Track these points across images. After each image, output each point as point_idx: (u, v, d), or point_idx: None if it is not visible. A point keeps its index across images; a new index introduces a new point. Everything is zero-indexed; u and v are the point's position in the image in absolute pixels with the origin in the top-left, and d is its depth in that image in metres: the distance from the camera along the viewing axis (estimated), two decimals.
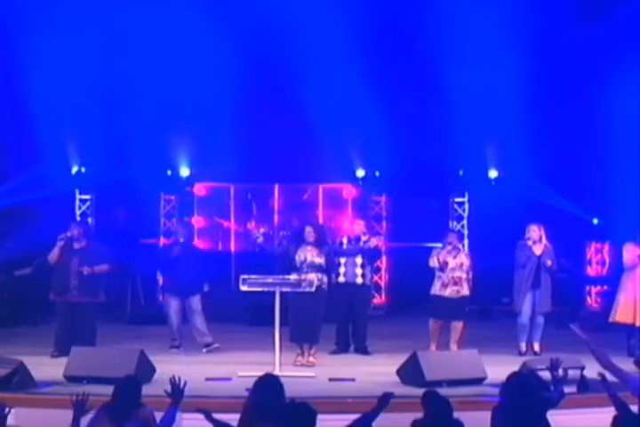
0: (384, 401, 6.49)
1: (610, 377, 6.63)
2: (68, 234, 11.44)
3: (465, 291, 11.62)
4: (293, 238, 11.67)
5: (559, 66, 15.40)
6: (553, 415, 6.64)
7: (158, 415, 6.72)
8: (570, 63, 15.36)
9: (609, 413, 6.38)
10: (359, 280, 11.83)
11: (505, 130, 15.31)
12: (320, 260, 11.04)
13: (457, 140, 15.19)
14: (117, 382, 6.92)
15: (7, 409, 6.30)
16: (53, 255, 11.38)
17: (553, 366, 6.93)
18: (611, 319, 11.74)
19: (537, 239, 11.72)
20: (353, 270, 11.81)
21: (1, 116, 15.65)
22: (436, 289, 11.61)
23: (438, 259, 11.52)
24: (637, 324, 11.52)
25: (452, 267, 11.54)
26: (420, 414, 6.58)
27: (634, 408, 6.36)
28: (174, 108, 15.23)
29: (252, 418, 6.36)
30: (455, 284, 11.54)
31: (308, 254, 11.06)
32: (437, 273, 11.60)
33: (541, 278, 11.72)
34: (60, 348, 11.15)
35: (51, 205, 15.21)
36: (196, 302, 11.92)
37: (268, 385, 6.51)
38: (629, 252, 11.63)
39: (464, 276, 11.57)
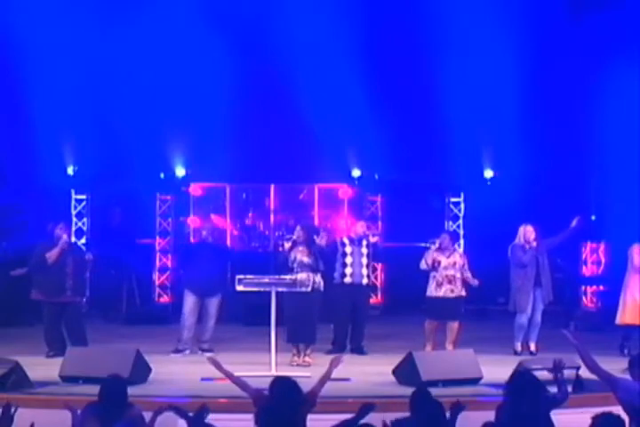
0: (364, 411, 6.46)
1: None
2: (65, 236, 11.45)
3: (460, 290, 11.65)
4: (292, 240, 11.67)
5: (554, 65, 15.43)
6: (553, 415, 6.64)
7: (147, 415, 6.71)
8: (564, 61, 15.39)
9: None
10: (365, 281, 11.95)
11: (500, 130, 15.33)
12: (308, 259, 11.07)
13: (452, 140, 15.20)
14: (103, 381, 6.90)
15: (13, 409, 6.30)
16: (53, 255, 11.35)
17: (556, 367, 6.93)
18: (619, 321, 11.59)
19: (534, 239, 11.76)
20: (360, 271, 11.85)
21: None
22: (431, 290, 11.62)
23: (427, 261, 11.55)
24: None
25: (445, 266, 11.56)
26: None
27: (617, 409, 6.38)
28: (170, 108, 15.23)
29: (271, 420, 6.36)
30: (449, 282, 11.56)
31: (299, 254, 11.10)
32: (431, 273, 11.63)
33: (542, 277, 11.75)
34: (53, 348, 11.15)
35: (46, 205, 15.20)
36: (214, 304, 11.81)
37: (285, 386, 6.51)
38: (635, 253, 11.52)
39: (457, 275, 11.60)
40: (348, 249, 11.87)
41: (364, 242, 11.93)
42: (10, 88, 15.00)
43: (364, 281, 11.92)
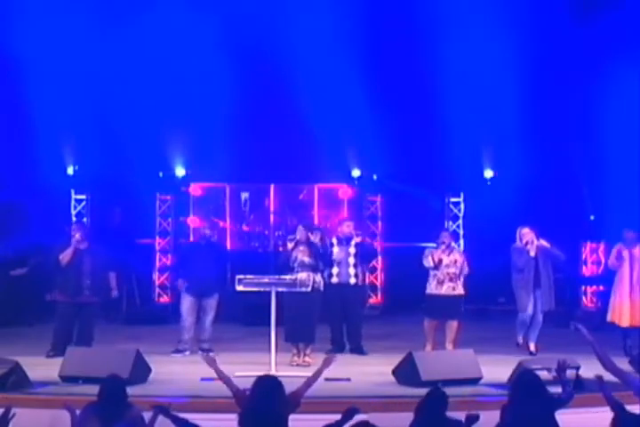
0: (348, 415, 6.46)
1: (611, 378, 6.64)
2: (77, 236, 11.47)
3: (460, 289, 11.67)
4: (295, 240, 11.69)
5: (554, 65, 15.42)
6: (557, 415, 6.64)
7: (147, 416, 6.71)
8: (564, 62, 15.37)
9: (604, 412, 6.41)
10: (352, 280, 11.89)
11: (500, 130, 15.33)
12: (309, 259, 11.10)
13: (452, 140, 15.19)
14: (102, 381, 6.90)
15: (12, 413, 6.30)
16: (66, 256, 11.39)
17: (560, 368, 6.93)
18: (608, 319, 11.78)
19: (531, 241, 11.73)
20: (346, 270, 11.85)
21: None
22: (431, 288, 11.63)
23: (433, 258, 11.56)
24: (627, 324, 11.56)
25: (447, 264, 11.58)
26: None
27: (633, 408, 6.37)
28: (170, 108, 15.22)
29: (252, 419, 6.35)
30: (451, 280, 11.57)
31: (300, 254, 11.14)
32: (432, 271, 11.63)
33: (541, 279, 11.74)
34: (57, 348, 11.15)
35: (46, 205, 15.20)
36: (211, 303, 11.83)
37: (268, 385, 6.50)
38: (612, 253, 11.74)
39: (458, 273, 11.61)
40: (336, 249, 11.89)
41: (353, 242, 11.95)
42: (10, 88, 14.99)
43: (352, 281, 11.88)
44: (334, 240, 12.02)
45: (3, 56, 14.90)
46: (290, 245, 11.46)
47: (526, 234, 11.74)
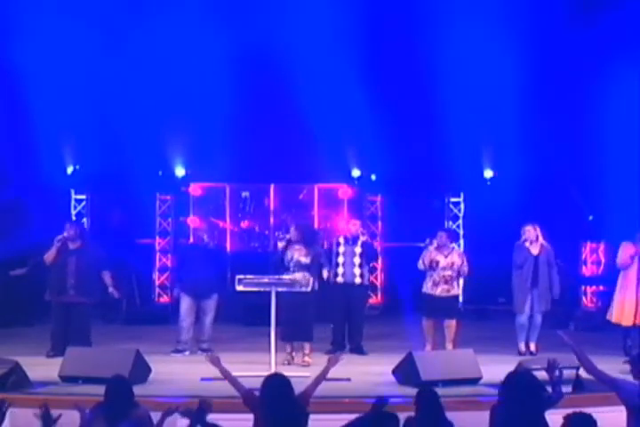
0: (377, 408, 6.44)
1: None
2: (65, 234, 11.45)
3: (456, 290, 11.68)
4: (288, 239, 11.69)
5: (553, 66, 15.42)
6: (548, 415, 6.64)
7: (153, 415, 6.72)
8: (564, 62, 15.37)
9: (604, 412, 6.41)
10: (357, 280, 11.90)
11: (500, 130, 15.33)
12: (306, 260, 11.10)
13: (452, 140, 15.19)
14: (107, 381, 6.91)
15: (6, 405, 6.32)
16: (50, 256, 11.39)
17: (550, 367, 6.94)
18: (608, 318, 11.74)
19: (533, 239, 11.73)
20: (351, 270, 11.85)
21: None
22: (427, 287, 11.63)
23: (424, 261, 11.55)
24: (630, 323, 11.54)
25: (443, 266, 11.56)
26: None
27: (611, 409, 6.39)
28: (170, 108, 15.23)
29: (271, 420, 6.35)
30: (446, 282, 11.56)
31: (295, 253, 11.14)
32: (429, 272, 11.62)
33: (539, 278, 11.73)
34: (56, 348, 11.14)
35: (46, 204, 15.20)
36: (210, 304, 11.83)
37: (277, 385, 6.51)
38: (623, 251, 11.64)
39: (455, 275, 11.61)
40: (341, 249, 11.90)
41: (359, 241, 11.95)
42: (10, 88, 14.99)
43: (357, 280, 11.90)
44: (341, 240, 12.02)
45: (3, 56, 14.90)
46: (280, 245, 11.42)
47: (527, 232, 11.75)
